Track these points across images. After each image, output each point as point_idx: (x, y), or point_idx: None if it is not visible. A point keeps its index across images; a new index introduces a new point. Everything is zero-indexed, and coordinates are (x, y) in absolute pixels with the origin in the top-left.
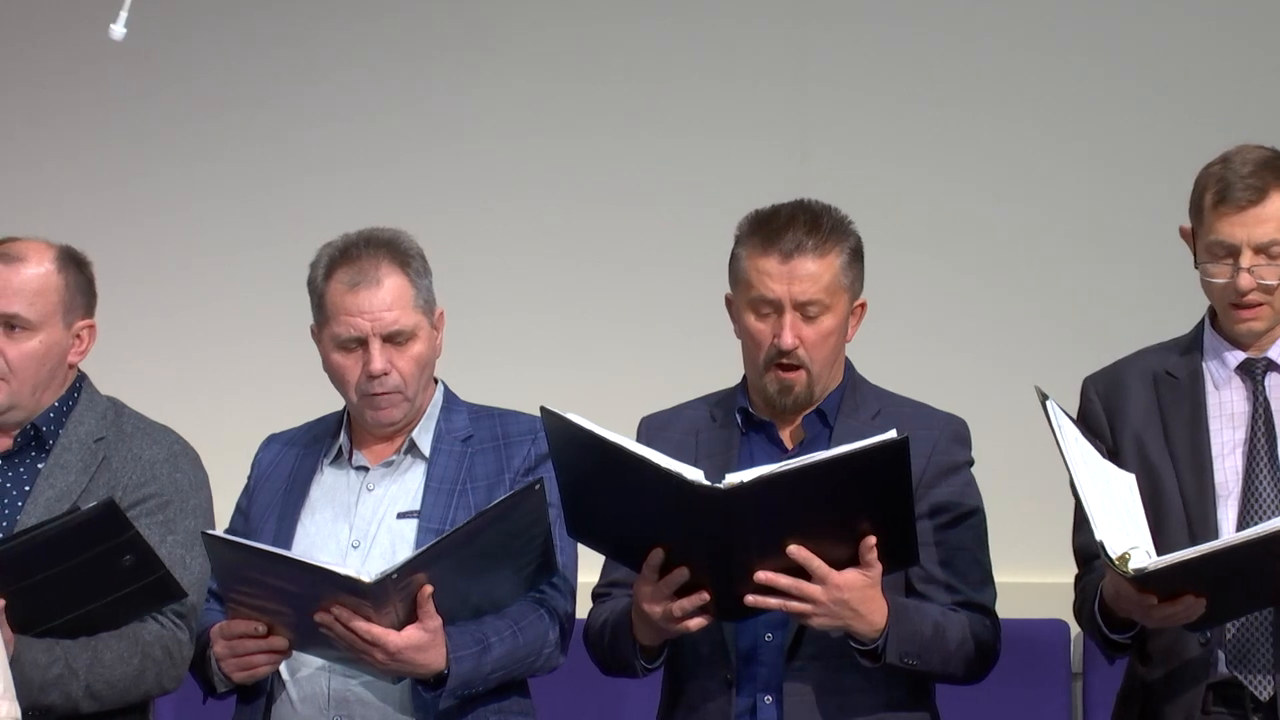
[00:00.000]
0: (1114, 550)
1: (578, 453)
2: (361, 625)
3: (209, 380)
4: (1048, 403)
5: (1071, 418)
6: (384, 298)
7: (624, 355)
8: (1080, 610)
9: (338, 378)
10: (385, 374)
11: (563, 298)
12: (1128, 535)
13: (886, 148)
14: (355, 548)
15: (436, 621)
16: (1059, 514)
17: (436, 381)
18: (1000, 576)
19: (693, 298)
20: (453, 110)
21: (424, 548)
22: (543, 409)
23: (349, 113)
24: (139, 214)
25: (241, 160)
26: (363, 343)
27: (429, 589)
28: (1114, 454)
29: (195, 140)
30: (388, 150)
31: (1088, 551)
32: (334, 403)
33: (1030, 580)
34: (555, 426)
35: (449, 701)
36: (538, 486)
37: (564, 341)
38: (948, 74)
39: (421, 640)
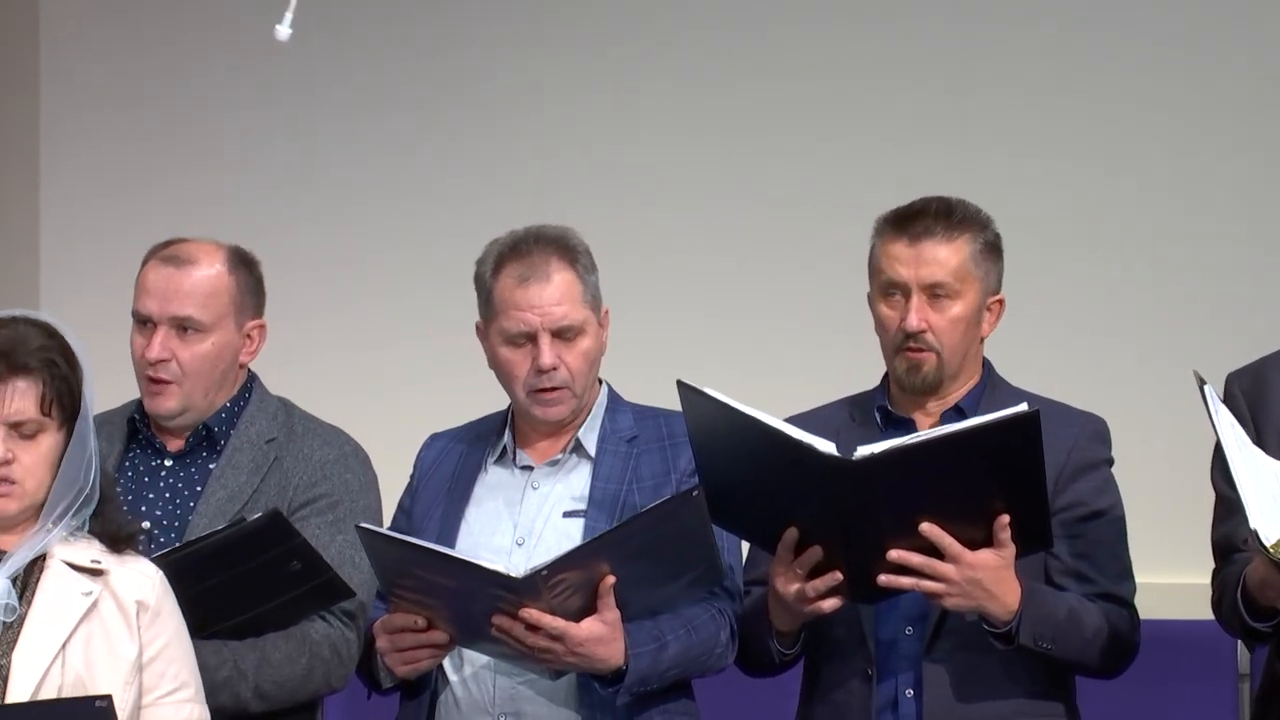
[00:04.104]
0: (1268, 538)
1: (713, 428)
2: (547, 618)
3: (374, 378)
4: (1205, 387)
5: None
6: (553, 293)
7: (784, 356)
8: (1220, 601)
9: (505, 373)
10: (554, 369)
11: (725, 297)
12: (1278, 523)
13: (1045, 145)
14: (520, 545)
15: (615, 614)
16: None
17: (600, 381)
18: (1166, 578)
19: (854, 299)
20: (615, 108)
21: (575, 546)
22: (679, 383)
23: (514, 110)
24: (303, 213)
25: (406, 158)
26: (532, 338)
27: (611, 579)
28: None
29: (359, 138)
30: (551, 148)
31: (1228, 544)
32: (497, 401)
33: (1198, 581)
34: (691, 401)
35: (625, 698)
36: (695, 494)
37: (723, 341)
38: (1102, 70)
39: (602, 633)
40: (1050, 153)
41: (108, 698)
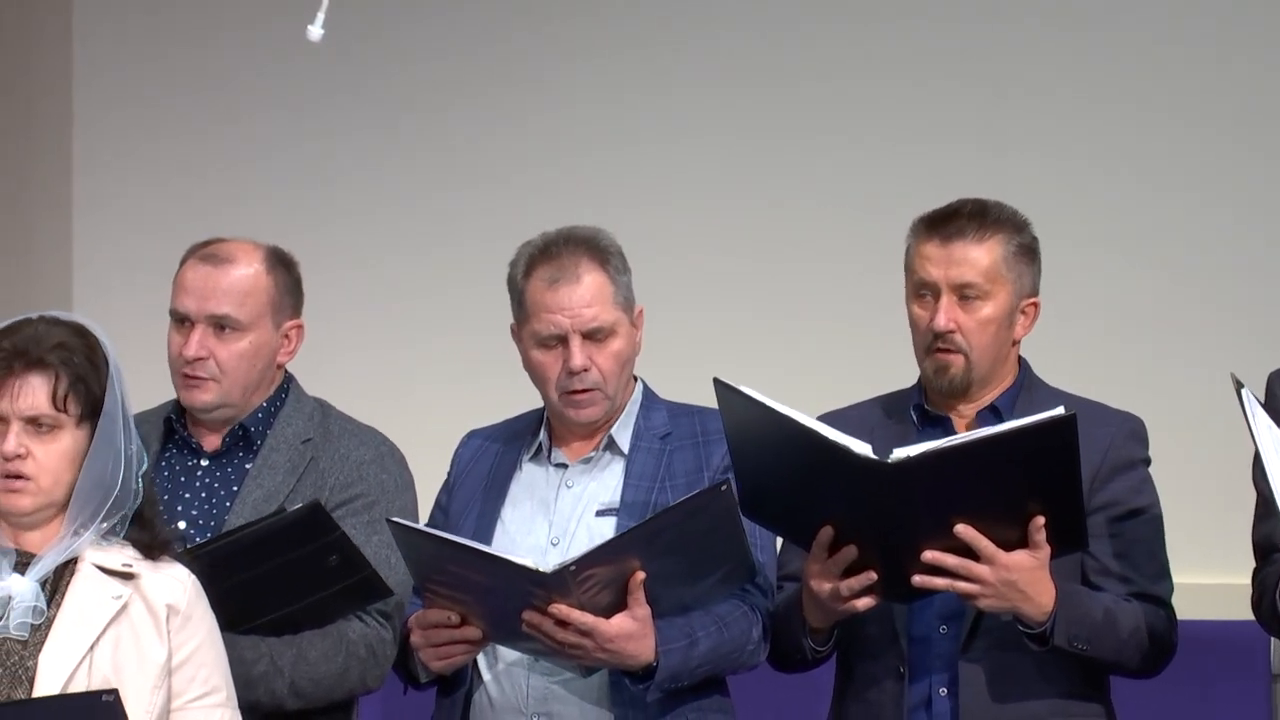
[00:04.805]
0: None
1: (749, 426)
2: (576, 613)
3: (409, 379)
4: (1243, 390)
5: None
6: (584, 294)
7: (818, 354)
8: (1259, 601)
9: (538, 375)
10: (585, 370)
11: (759, 295)
12: None
13: (1079, 145)
14: (555, 544)
15: (645, 610)
16: None
17: (635, 379)
18: (1199, 578)
19: (885, 299)
20: (645, 111)
21: (604, 541)
22: (716, 380)
23: (546, 111)
24: (335, 213)
25: (437, 158)
26: (563, 340)
27: (641, 575)
28: None
29: (392, 139)
30: (583, 149)
31: (1268, 544)
32: (530, 400)
33: (1229, 581)
34: (727, 399)
35: (656, 695)
36: (724, 488)
37: (757, 339)
38: (1138, 76)
39: (632, 629)
40: (1083, 154)
41: (114, 692)
